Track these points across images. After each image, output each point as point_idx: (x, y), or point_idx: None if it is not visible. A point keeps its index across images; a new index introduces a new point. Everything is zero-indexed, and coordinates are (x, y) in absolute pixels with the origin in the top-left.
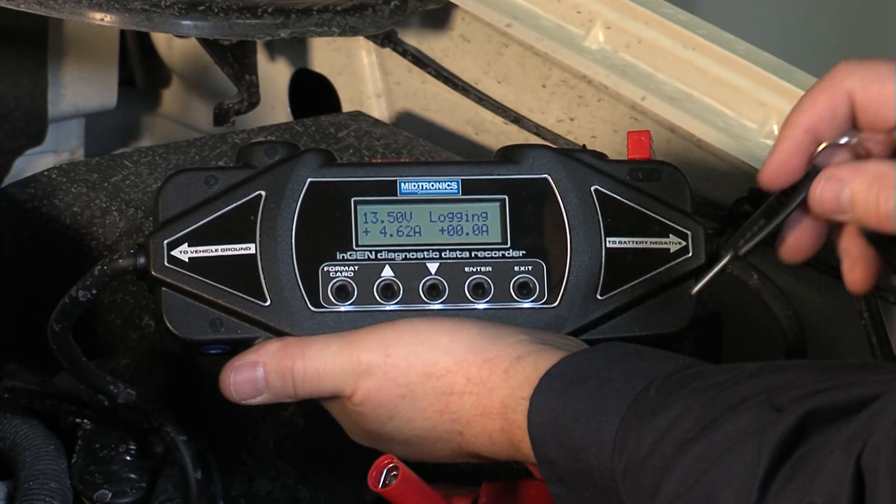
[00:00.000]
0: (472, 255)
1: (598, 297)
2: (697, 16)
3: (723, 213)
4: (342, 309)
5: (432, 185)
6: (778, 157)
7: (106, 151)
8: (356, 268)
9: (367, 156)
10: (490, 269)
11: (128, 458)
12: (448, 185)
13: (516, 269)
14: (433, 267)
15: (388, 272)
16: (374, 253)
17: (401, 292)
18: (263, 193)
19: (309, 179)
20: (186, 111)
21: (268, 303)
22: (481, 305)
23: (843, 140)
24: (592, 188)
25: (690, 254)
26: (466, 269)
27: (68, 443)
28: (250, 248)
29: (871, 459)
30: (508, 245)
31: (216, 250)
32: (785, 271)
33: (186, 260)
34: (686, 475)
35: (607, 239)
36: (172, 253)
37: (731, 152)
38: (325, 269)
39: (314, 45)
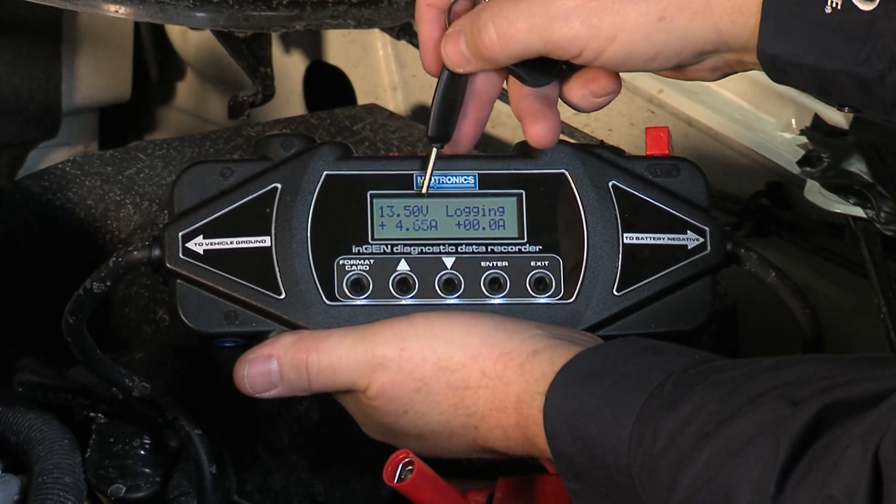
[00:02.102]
0: (489, 250)
1: (615, 293)
2: None
3: (740, 207)
4: (357, 303)
5: (449, 179)
6: (426, 44)
7: (120, 144)
8: (372, 261)
9: (382, 149)
10: (506, 263)
11: (142, 452)
12: (465, 180)
13: (533, 264)
14: (449, 261)
15: (403, 266)
16: (389, 247)
17: (416, 286)
18: (279, 186)
19: (325, 172)
20: (201, 104)
21: (282, 296)
22: (497, 300)
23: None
24: (610, 184)
25: (708, 250)
26: (483, 263)
27: (82, 437)
28: (265, 241)
29: (888, 452)
30: (525, 240)
31: (231, 243)
32: (803, 266)
33: (201, 252)
34: (703, 470)
35: (624, 235)
36: (187, 245)
37: (748, 145)
38: (341, 262)
39: (329, 37)
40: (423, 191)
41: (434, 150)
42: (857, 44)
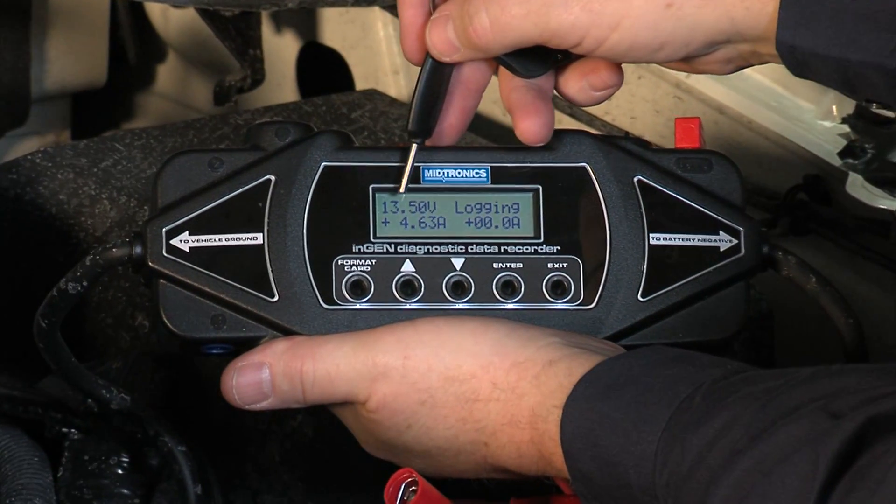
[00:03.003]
0: (502, 251)
1: (640, 298)
2: None
3: (776, 202)
4: (357, 306)
5: (459, 173)
6: (408, 29)
7: (95, 133)
8: (373, 262)
9: (383, 138)
10: (521, 265)
11: (119, 471)
12: (476, 173)
13: (550, 266)
14: (458, 262)
15: (408, 267)
16: (393, 246)
17: (422, 289)
18: (273, 178)
19: (323, 164)
20: (184, 89)
21: (276, 298)
22: (510, 305)
23: None
24: (635, 179)
25: (742, 253)
26: (495, 265)
27: (54, 454)
28: (257, 238)
29: None
30: (541, 240)
31: (220, 240)
32: (844, 267)
33: (187, 250)
34: (735, 489)
35: (651, 235)
36: (172, 242)
37: (784, 135)
38: (340, 262)
39: (325, 16)
40: (401, 189)
41: (414, 146)
42: (886, 33)
